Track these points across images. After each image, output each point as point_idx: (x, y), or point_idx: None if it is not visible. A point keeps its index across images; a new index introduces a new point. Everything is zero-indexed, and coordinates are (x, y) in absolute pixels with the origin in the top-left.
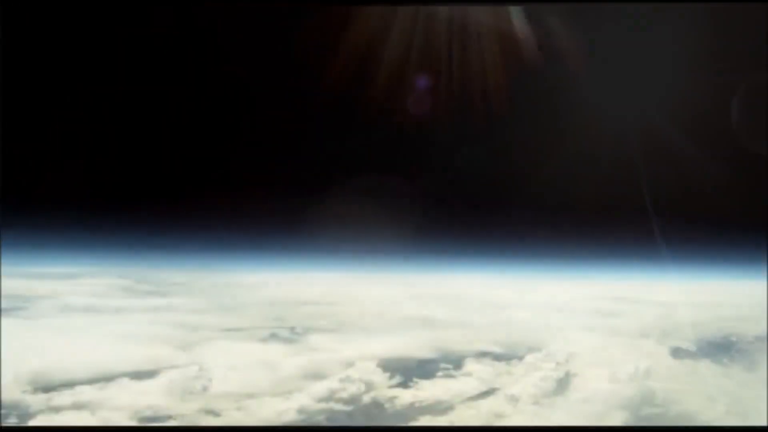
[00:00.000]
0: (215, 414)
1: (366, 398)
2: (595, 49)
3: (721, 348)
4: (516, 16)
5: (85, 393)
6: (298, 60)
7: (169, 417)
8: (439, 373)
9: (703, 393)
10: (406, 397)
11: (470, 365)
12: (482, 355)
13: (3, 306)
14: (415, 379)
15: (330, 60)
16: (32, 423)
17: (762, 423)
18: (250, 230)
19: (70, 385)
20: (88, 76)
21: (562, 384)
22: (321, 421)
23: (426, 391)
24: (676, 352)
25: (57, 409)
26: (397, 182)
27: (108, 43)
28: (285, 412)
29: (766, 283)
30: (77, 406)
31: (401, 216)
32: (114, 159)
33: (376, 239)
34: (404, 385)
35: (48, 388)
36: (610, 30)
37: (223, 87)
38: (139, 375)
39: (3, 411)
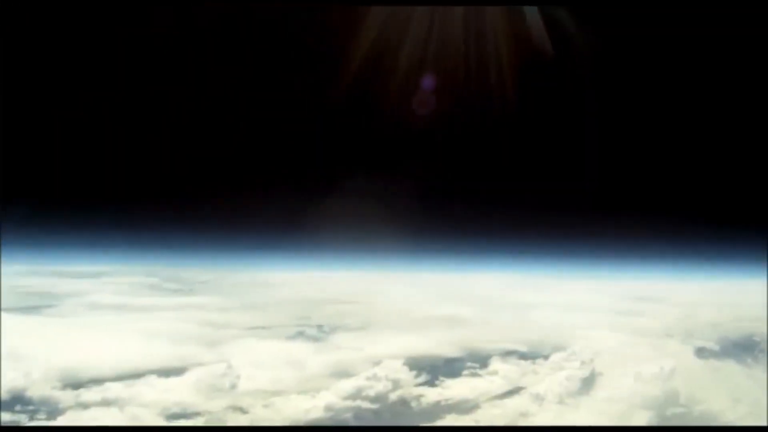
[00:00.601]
0: (243, 411)
1: (393, 396)
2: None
3: (744, 348)
4: (526, 15)
5: (113, 389)
6: (309, 60)
7: (197, 414)
8: (465, 372)
9: (727, 393)
10: (432, 395)
11: (496, 364)
12: (508, 353)
13: (33, 304)
14: (441, 378)
15: (339, 60)
16: (61, 419)
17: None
18: (274, 229)
19: (98, 381)
20: (106, 76)
21: (587, 383)
22: (348, 418)
23: (452, 389)
24: (700, 352)
25: (85, 405)
26: (419, 182)
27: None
28: (312, 409)
29: None
30: (106, 403)
31: (424, 215)
32: (141, 159)
33: (400, 238)
34: (431, 383)
35: (77, 385)
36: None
37: (242, 86)
38: (166, 372)
39: (32, 407)
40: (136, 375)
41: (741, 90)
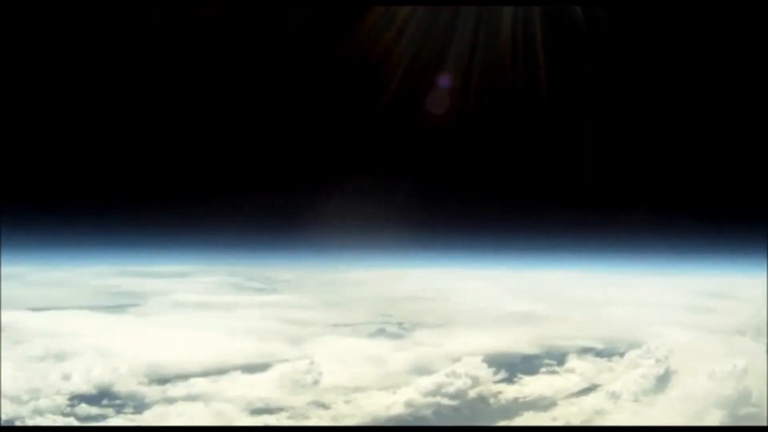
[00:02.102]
0: (325, 407)
1: (472, 393)
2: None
3: None
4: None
5: (198, 385)
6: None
7: (280, 409)
8: (543, 369)
9: None
10: (510, 392)
11: (572, 361)
12: (584, 351)
13: (119, 303)
14: (519, 375)
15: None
16: (148, 413)
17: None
18: (354, 228)
19: (184, 377)
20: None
21: (662, 381)
22: (428, 414)
23: (530, 386)
24: None
25: (171, 400)
26: (490, 179)
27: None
28: (393, 405)
29: None
30: (191, 398)
31: (494, 213)
32: (220, 161)
33: (472, 235)
34: (509, 380)
35: (163, 380)
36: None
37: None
38: (251, 368)
39: (119, 401)
40: (221, 371)
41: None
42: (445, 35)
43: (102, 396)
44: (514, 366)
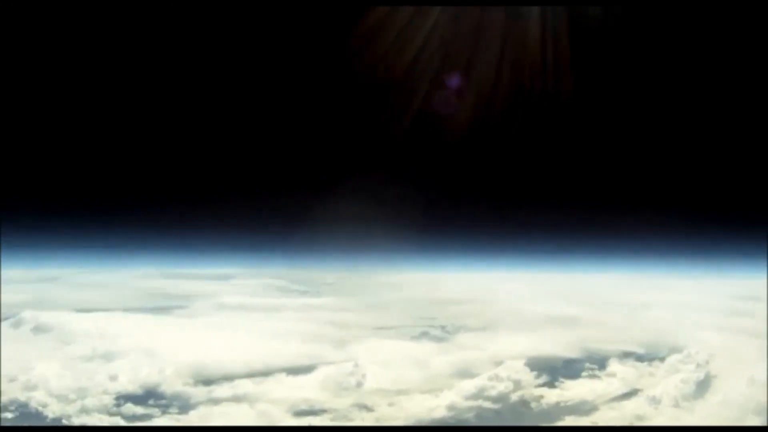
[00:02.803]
0: (368, 409)
1: (514, 397)
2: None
3: None
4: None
5: (243, 386)
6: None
7: (324, 411)
8: (584, 374)
9: None
10: (552, 396)
11: (614, 366)
12: (625, 355)
13: (164, 305)
14: (561, 379)
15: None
16: (193, 413)
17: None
18: (396, 231)
19: (229, 378)
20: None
21: (702, 386)
22: (470, 418)
23: (571, 390)
24: None
25: (217, 401)
26: (529, 183)
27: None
28: (435, 408)
29: None
30: (236, 399)
31: (530, 216)
32: (269, 164)
33: (510, 238)
34: (551, 384)
35: (208, 381)
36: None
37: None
38: (295, 370)
39: (164, 401)
40: (266, 373)
41: None
42: (450, 35)
43: (148, 396)
44: (555, 370)
